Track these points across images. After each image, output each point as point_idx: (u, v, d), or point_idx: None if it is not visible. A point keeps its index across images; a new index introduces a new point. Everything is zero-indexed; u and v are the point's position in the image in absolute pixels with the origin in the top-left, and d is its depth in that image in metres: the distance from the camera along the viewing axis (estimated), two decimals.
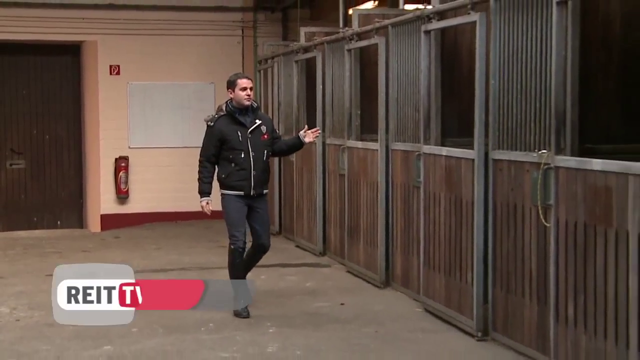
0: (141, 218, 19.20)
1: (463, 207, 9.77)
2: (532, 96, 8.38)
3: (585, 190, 7.49)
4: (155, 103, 19.44)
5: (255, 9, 20.09)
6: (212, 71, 19.66)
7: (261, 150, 10.13)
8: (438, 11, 10.41)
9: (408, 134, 11.49)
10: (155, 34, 19.08)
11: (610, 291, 7.19)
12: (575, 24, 7.80)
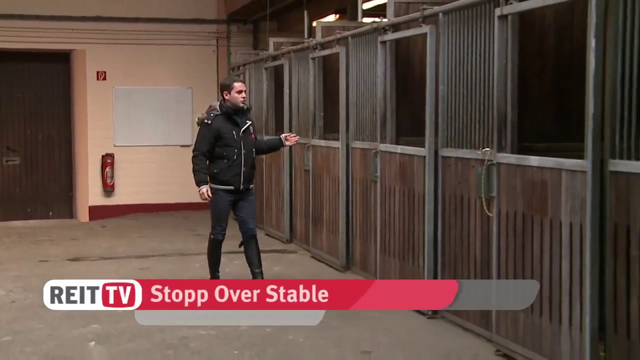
0: (125, 209, 19.14)
1: (415, 199, 9.82)
2: (476, 100, 8.47)
3: (524, 184, 7.58)
4: (138, 105, 19.41)
5: (228, 21, 20.08)
6: (190, 77, 19.82)
7: (250, 149, 10.08)
8: (393, 24, 10.49)
9: (366, 133, 11.53)
10: (138, 43, 19.02)
11: (546, 273, 7.30)
12: (514, 36, 7.84)
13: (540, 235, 7.38)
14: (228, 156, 9.83)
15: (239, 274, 12.03)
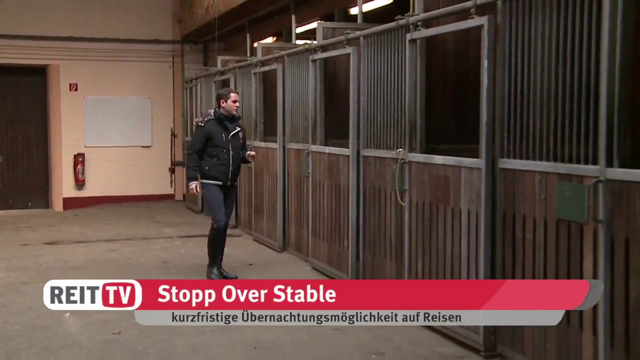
0: (94, 200, 18.94)
1: (341, 191, 9.90)
2: (391, 109, 8.54)
3: (430, 179, 7.69)
4: (105, 112, 19.22)
5: (182, 41, 19.97)
6: (149, 89, 19.69)
7: (237, 151, 9.78)
8: (322, 45, 10.54)
9: (300, 136, 11.56)
10: (105, 60, 18.89)
11: (448, 252, 7.43)
12: (422, 57, 7.92)
13: (444, 220, 7.50)
14: (218, 155, 9.63)
15: (194, 253, 12.08)
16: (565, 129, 5.99)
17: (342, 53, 9.85)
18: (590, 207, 5.62)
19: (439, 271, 7.60)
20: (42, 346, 7.24)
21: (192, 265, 11.19)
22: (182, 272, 10.69)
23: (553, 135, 6.13)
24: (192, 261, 11.57)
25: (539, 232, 6.30)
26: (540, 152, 6.28)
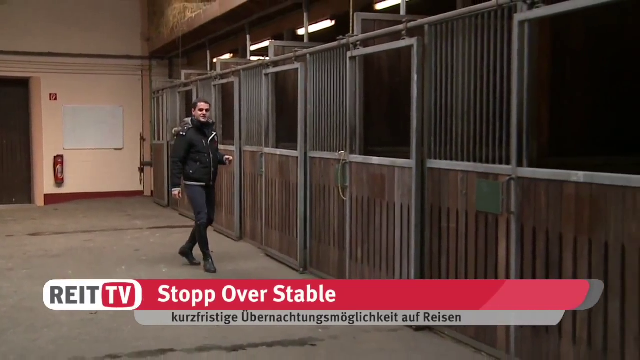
0: (72, 197, 18.75)
1: (291, 187, 9.90)
2: (335, 116, 8.57)
3: (368, 177, 7.76)
4: (81, 119, 19.05)
5: (150, 57, 19.87)
6: (121, 98, 19.58)
7: (215, 154, 9.68)
8: (273, 61, 10.54)
9: (254, 140, 11.53)
10: (81, 73, 18.74)
11: (384, 240, 7.50)
12: (360, 71, 7.94)
13: (380, 212, 7.57)
14: (201, 160, 9.48)
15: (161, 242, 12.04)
16: (482, 135, 6.11)
17: (291, 68, 9.85)
18: (504, 200, 5.74)
19: (376, 256, 7.67)
20: (27, 325, 7.17)
21: (160, 253, 11.14)
22: (151, 259, 10.65)
23: (472, 140, 6.25)
24: (160, 249, 11.51)
25: (461, 222, 6.40)
26: (461, 154, 6.39)
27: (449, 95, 6.54)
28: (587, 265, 5.02)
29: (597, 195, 4.90)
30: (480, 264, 6.19)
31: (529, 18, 5.47)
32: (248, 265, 10.04)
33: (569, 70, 6.10)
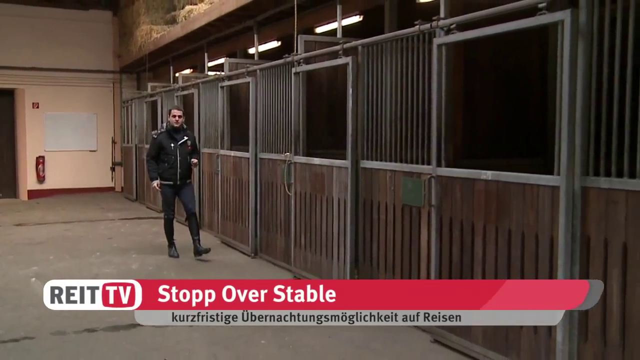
0: (52, 192, 18.46)
1: (243, 184, 9.85)
2: (281, 124, 8.55)
3: (310, 175, 7.77)
4: (60, 125, 18.84)
5: (120, 72, 19.70)
6: (95, 107, 19.46)
7: (184, 157, 9.21)
8: (228, 76, 10.44)
9: (212, 143, 11.43)
10: (61, 85, 18.56)
11: (324, 229, 7.51)
12: (303, 85, 7.96)
13: (320, 205, 7.59)
14: (168, 161, 9.16)
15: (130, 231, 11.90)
16: (407, 139, 6.15)
17: (243, 81, 9.79)
18: (425, 195, 5.79)
19: (317, 243, 7.68)
20: (14, 304, 7.04)
21: (130, 240, 11.03)
22: (122, 246, 10.49)
23: (399, 144, 6.28)
24: (130, 237, 11.39)
25: (390, 214, 6.43)
26: (390, 155, 6.42)
27: (379, 105, 6.56)
28: (494, 249, 5.09)
29: (502, 190, 4.97)
30: (405, 248, 6.23)
31: (446, 42, 5.52)
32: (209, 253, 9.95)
33: (478, 84, 6.18)
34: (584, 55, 4.36)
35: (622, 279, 4.18)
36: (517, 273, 4.86)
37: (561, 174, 4.45)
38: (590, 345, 4.39)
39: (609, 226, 4.23)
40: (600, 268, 4.30)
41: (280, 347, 5.60)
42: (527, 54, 6.53)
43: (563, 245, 4.44)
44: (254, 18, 11.67)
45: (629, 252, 4.13)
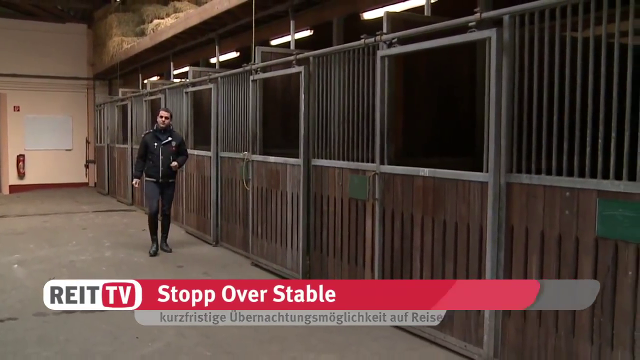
0: (32, 187, 18.25)
1: (205, 180, 9.75)
2: (240, 126, 8.49)
3: (266, 172, 7.70)
4: (39, 126, 18.68)
5: (94, 78, 19.50)
6: (70, 110, 19.30)
7: (167, 156, 8.64)
8: (192, 82, 10.32)
9: None
10: (39, 90, 18.39)
11: (279, 220, 7.45)
12: (260, 91, 7.90)
13: (276, 199, 7.53)
14: (152, 160, 8.67)
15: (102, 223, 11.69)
16: (354, 140, 6.13)
17: (206, 88, 9.70)
18: (370, 190, 5.78)
19: (273, 232, 7.61)
20: None
21: (103, 230, 10.82)
22: (96, 235, 10.26)
23: (346, 144, 6.26)
24: (103, 228, 11.17)
25: (338, 206, 6.41)
26: (338, 154, 6.39)
27: (328, 110, 6.52)
28: (431, 238, 5.10)
29: (438, 186, 4.99)
30: (352, 237, 6.21)
31: (388, 54, 5.52)
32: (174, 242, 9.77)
33: (416, 92, 6.19)
34: (508, 67, 4.42)
35: (539, 262, 4.24)
36: (451, 258, 4.89)
37: (489, 171, 4.49)
38: (513, 320, 4.44)
39: (530, 217, 4.28)
40: (522, 253, 4.35)
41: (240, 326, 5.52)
42: (458, 66, 6.58)
43: (491, 234, 4.48)
44: (215, 31, 11.60)
45: (546, 239, 4.19)
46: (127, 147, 14.67)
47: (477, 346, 4.64)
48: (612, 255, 3.77)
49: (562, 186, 4.04)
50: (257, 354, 4.82)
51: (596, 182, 3.84)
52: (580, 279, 3.96)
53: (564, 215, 4.04)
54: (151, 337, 5.19)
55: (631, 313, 3.69)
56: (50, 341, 5.09)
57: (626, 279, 3.70)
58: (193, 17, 11.45)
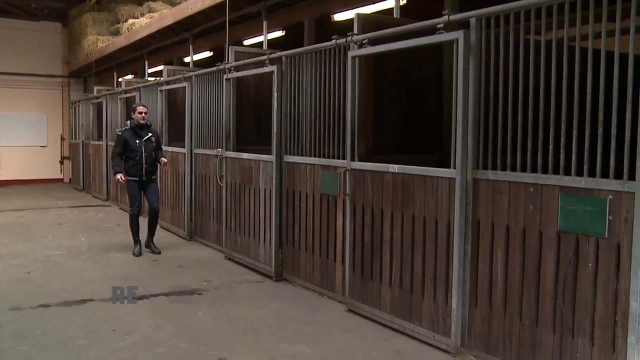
0: (7, 183, 17.88)
1: (180, 176, 9.64)
2: (214, 124, 8.42)
3: (240, 168, 7.63)
4: (14, 123, 18.33)
5: (69, 76, 19.13)
6: (45, 107, 18.96)
7: (149, 153, 8.10)
8: (166, 81, 10.21)
9: None
10: (14, 87, 18.03)
11: (252, 215, 7.38)
12: (233, 90, 7.85)
13: (249, 195, 7.46)
14: (134, 158, 8.03)
15: (77, 218, 11.50)
16: (325, 137, 6.12)
17: (180, 86, 9.60)
18: (341, 186, 5.77)
19: (246, 227, 7.54)
20: None
21: (78, 226, 10.63)
22: (71, 230, 10.10)
23: (318, 141, 6.24)
24: (78, 223, 10.99)
25: (310, 202, 6.38)
26: (310, 151, 6.37)
27: (300, 108, 6.49)
28: (400, 232, 5.10)
29: (407, 181, 4.99)
30: (323, 231, 6.19)
31: (359, 54, 5.50)
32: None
33: (386, 91, 6.17)
34: (474, 68, 4.43)
35: (505, 255, 4.26)
36: (420, 251, 4.89)
37: (456, 168, 4.49)
38: (479, 310, 4.46)
39: (495, 211, 4.30)
40: (488, 246, 4.36)
41: (215, 318, 5.47)
42: (427, 67, 6.59)
43: (458, 228, 4.49)
44: (189, 31, 11.48)
45: (511, 232, 4.21)
46: (102, 143, 14.46)
47: (445, 336, 4.65)
48: (573, 248, 3.80)
49: (526, 182, 4.06)
50: (231, 345, 4.77)
51: (558, 178, 3.87)
52: (544, 271, 3.99)
53: (528, 210, 4.06)
54: (127, 329, 5.10)
55: (591, 303, 3.72)
56: (26, 335, 4.96)
57: (586, 270, 3.74)
58: (167, 17, 11.30)
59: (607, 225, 3.58)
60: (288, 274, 6.85)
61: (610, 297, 3.61)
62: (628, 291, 3.50)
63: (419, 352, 4.65)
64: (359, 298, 5.56)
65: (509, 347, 4.24)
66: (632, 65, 3.54)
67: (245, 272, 7.30)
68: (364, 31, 5.54)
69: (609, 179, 3.60)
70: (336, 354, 4.59)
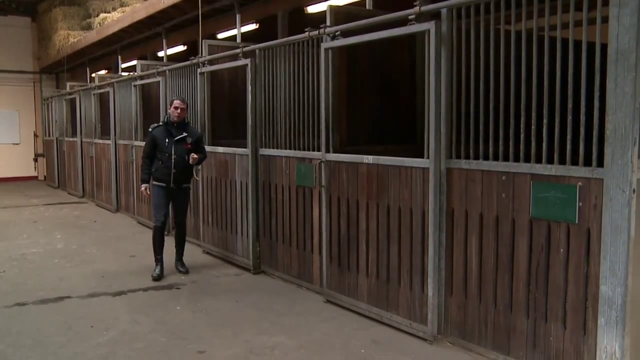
0: None
1: None
2: (188, 117, 8.24)
3: (216, 161, 7.59)
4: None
5: (40, 72, 18.85)
6: (17, 104, 18.69)
7: (182, 155, 6.67)
8: (140, 76, 10.12)
9: (126, 135, 11.03)
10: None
11: (229, 207, 7.35)
12: (207, 83, 7.81)
13: (225, 188, 7.43)
14: (162, 159, 6.67)
15: (53, 215, 11.35)
16: (300, 130, 6.11)
17: (154, 81, 9.52)
18: (316, 177, 5.77)
19: (223, 220, 7.52)
20: None
21: (54, 223, 10.50)
22: (47, 228, 9.97)
23: (293, 133, 6.22)
24: (53, 220, 10.84)
25: (286, 194, 6.38)
26: (285, 144, 6.35)
27: (275, 101, 6.47)
28: (375, 222, 5.12)
29: (381, 172, 5.00)
30: (300, 223, 6.19)
31: (332, 46, 5.49)
32: (126, 231, 9.62)
33: (359, 83, 6.19)
34: (446, 58, 4.45)
35: (479, 243, 4.30)
36: (396, 241, 4.92)
37: (430, 158, 4.52)
38: (455, 298, 4.50)
39: (469, 200, 4.34)
40: (463, 234, 4.40)
41: (194, 312, 5.45)
42: (399, 58, 6.61)
43: (432, 217, 4.52)
44: (162, 25, 11.37)
45: (484, 220, 4.25)
46: (76, 140, 14.28)
47: (422, 324, 4.69)
48: (545, 234, 3.85)
49: (498, 170, 4.10)
50: (210, 338, 4.75)
51: (530, 167, 3.91)
52: (517, 257, 4.04)
53: (501, 198, 4.10)
54: (106, 325, 5.06)
55: (563, 288, 3.78)
56: (1, 334, 4.89)
57: (558, 256, 3.79)
58: (140, 11, 11.17)
59: (578, 211, 3.64)
60: (266, 267, 6.84)
61: (581, 282, 3.67)
62: (598, 275, 3.56)
63: (396, 340, 4.68)
64: (336, 289, 5.58)
65: (484, 334, 4.29)
66: (599, 54, 3.59)
67: (224, 266, 7.27)
68: (337, 23, 5.53)
69: (578, 166, 3.65)
70: (315, 344, 4.61)
